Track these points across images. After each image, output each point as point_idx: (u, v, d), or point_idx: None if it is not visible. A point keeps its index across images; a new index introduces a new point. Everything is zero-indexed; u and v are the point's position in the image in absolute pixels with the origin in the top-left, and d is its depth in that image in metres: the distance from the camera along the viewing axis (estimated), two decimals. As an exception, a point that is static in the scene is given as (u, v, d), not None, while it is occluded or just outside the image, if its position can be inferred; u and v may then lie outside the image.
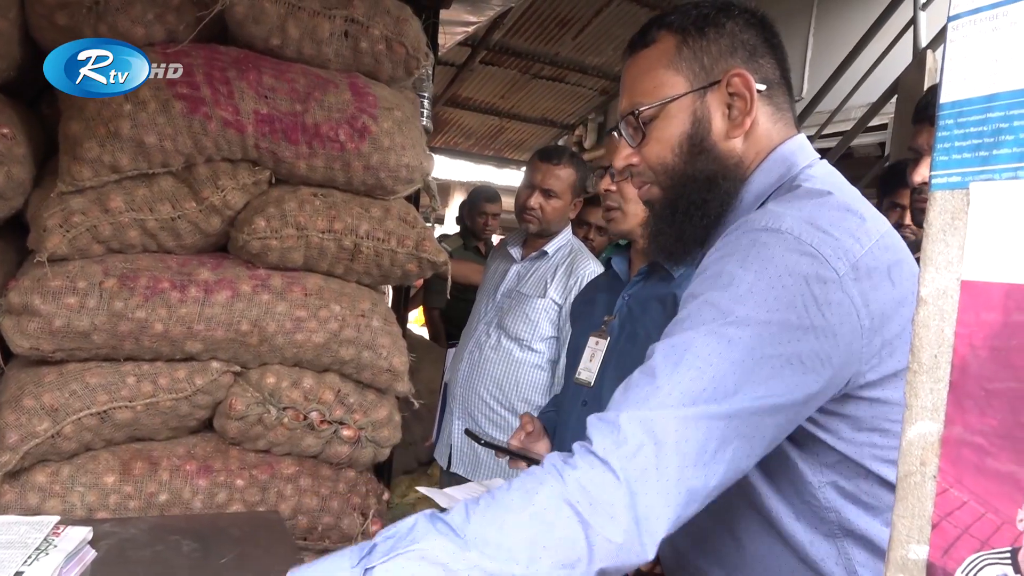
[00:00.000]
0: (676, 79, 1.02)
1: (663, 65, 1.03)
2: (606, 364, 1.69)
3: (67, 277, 1.70)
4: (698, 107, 1.01)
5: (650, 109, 1.03)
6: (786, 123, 1.05)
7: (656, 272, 1.71)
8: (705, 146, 1.01)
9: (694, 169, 1.02)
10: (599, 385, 1.68)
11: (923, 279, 0.53)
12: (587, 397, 1.70)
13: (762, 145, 1.03)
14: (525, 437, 1.67)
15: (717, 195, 1.02)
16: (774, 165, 1.02)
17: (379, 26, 1.95)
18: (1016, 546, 0.47)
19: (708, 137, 1.01)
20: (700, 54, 1.02)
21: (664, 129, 1.03)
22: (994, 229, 0.50)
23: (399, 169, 1.96)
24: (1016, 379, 0.47)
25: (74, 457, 1.76)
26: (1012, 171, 0.49)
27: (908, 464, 0.53)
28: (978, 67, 0.52)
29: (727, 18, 1.02)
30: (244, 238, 1.84)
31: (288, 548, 1.51)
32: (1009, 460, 0.47)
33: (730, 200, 1.02)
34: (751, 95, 1.00)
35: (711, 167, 1.01)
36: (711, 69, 1.01)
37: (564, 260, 2.54)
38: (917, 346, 0.53)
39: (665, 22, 1.05)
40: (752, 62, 1.02)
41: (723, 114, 1.01)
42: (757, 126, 1.02)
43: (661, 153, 1.03)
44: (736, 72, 0.99)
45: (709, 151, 1.01)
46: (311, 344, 1.90)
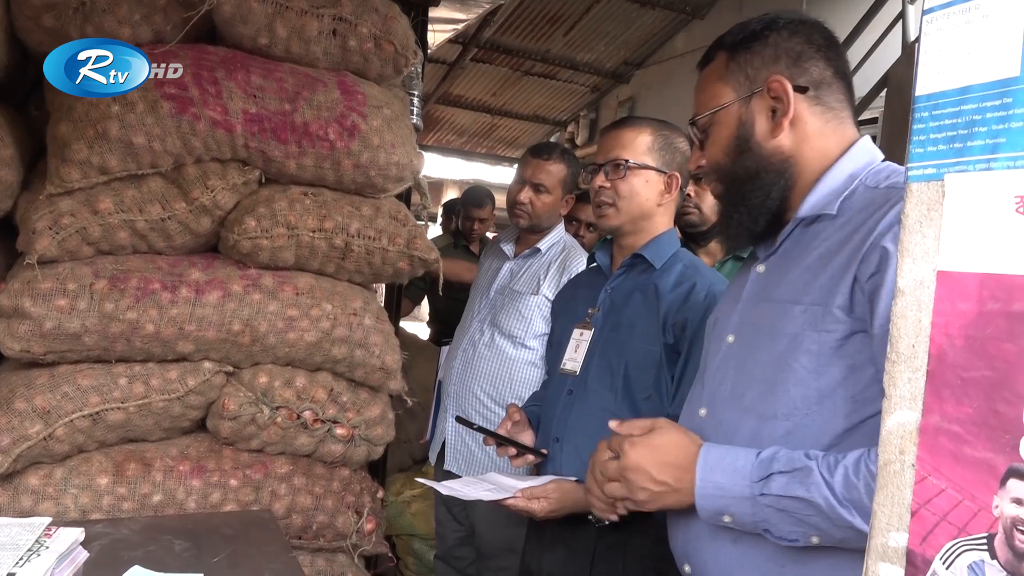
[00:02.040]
0: (725, 90, 1.18)
1: (715, 80, 1.19)
2: (591, 354, 1.71)
3: (57, 279, 1.70)
4: (744, 112, 1.16)
5: (704, 118, 1.20)
6: (840, 120, 1.15)
7: (638, 265, 1.73)
8: (749, 145, 1.15)
9: (740, 167, 1.16)
10: (584, 374, 1.70)
11: (900, 270, 0.54)
12: (572, 386, 1.72)
13: (814, 140, 1.13)
14: (512, 426, 1.74)
15: (759, 188, 1.14)
16: (860, 153, 1.13)
17: (367, 24, 1.95)
18: (992, 532, 0.47)
19: (752, 138, 1.15)
20: (745, 66, 1.16)
21: (717, 133, 1.19)
22: (968, 220, 0.51)
23: (389, 167, 1.96)
24: (991, 367, 0.48)
25: (67, 459, 1.76)
26: (985, 162, 0.50)
27: (888, 453, 0.54)
28: (952, 60, 0.53)
29: (771, 31, 1.15)
30: (234, 238, 1.84)
31: (281, 546, 1.52)
32: (985, 448, 0.48)
33: (776, 192, 1.14)
34: (788, 97, 1.11)
35: (754, 164, 1.15)
36: (755, 78, 1.15)
37: (557, 257, 2.54)
38: (895, 336, 0.54)
39: (721, 42, 1.21)
40: (796, 67, 1.13)
41: (767, 116, 1.14)
42: (805, 124, 1.13)
43: (716, 154, 1.20)
44: (775, 78, 1.12)
45: (753, 150, 1.15)
46: (303, 343, 1.90)
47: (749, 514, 1.02)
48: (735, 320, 1.19)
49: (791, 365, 1.04)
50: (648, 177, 1.70)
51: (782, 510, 0.99)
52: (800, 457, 0.99)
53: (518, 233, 2.67)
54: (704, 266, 1.75)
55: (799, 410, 1.03)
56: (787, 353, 1.05)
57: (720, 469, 1.04)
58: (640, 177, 1.70)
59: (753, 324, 1.15)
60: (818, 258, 1.07)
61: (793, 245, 1.14)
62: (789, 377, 1.04)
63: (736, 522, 1.05)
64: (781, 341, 1.06)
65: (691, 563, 1.17)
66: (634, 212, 1.71)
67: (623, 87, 7.97)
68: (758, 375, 1.09)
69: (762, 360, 1.09)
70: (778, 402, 1.05)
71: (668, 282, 1.66)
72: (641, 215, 1.72)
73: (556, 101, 8.55)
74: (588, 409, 1.67)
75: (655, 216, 1.73)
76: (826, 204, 1.10)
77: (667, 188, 1.72)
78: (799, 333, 1.04)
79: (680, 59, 7.10)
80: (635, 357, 1.63)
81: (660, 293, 1.64)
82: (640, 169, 1.69)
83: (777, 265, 1.16)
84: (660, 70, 7.52)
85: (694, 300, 1.61)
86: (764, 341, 1.10)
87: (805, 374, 1.03)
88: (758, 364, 1.09)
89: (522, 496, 1.54)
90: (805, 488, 0.96)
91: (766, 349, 1.09)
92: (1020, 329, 0.46)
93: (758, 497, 1.00)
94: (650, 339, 1.62)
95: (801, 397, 1.03)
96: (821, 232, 1.09)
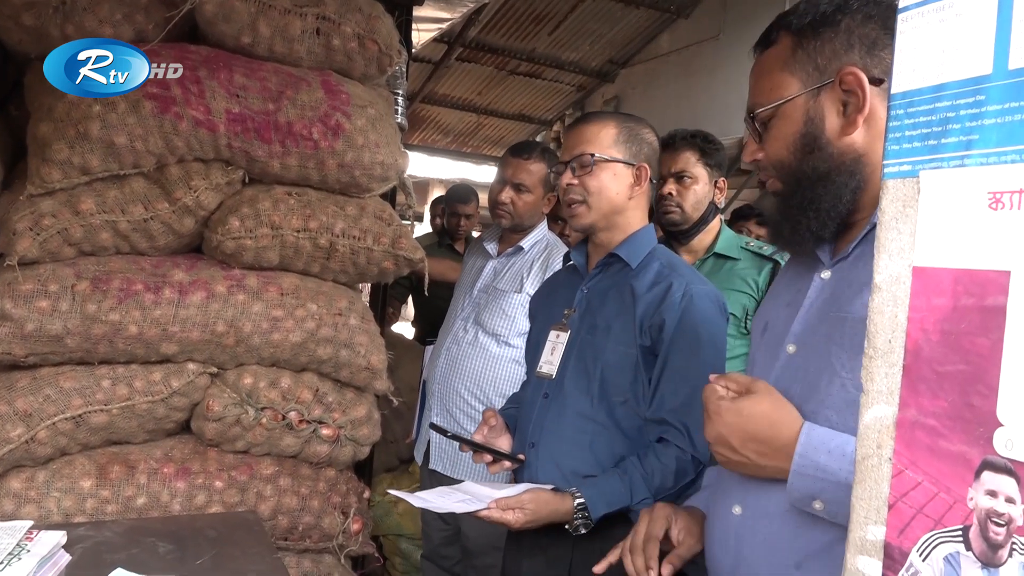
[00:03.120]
0: (791, 80, 1.06)
1: (779, 67, 1.08)
2: (567, 356, 1.68)
3: (38, 280, 1.68)
4: (811, 107, 1.05)
5: (766, 110, 1.08)
6: None
7: (614, 264, 1.70)
8: (819, 144, 1.05)
9: (808, 167, 1.06)
10: (560, 377, 1.67)
11: (877, 266, 0.54)
12: (548, 389, 1.69)
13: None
14: (488, 431, 1.70)
15: (831, 191, 1.04)
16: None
17: (351, 23, 1.94)
18: (967, 524, 0.48)
19: (822, 135, 1.04)
20: (814, 54, 1.05)
21: (780, 128, 1.08)
22: (943, 216, 0.51)
23: (373, 167, 1.95)
24: (965, 361, 0.49)
25: (49, 462, 1.75)
26: (959, 159, 0.50)
27: (865, 447, 0.55)
28: (926, 58, 0.53)
29: (844, 14, 1.04)
30: (218, 238, 1.83)
31: (265, 547, 1.51)
32: (960, 441, 0.49)
33: (848, 195, 1.04)
34: (863, 91, 1.01)
35: (825, 165, 1.04)
36: (825, 68, 1.04)
37: (540, 255, 2.55)
38: (872, 332, 0.54)
39: (784, 22, 1.09)
40: (871, 56, 1.02)
41: (838, 112, 1.04)
42: (879, 120, 1.02)
43: (778, 151, 1.09)
44: (849, 70, 1.01)
45: (823, 149, 1.04)
46: (288, 344, 1.89)
47: (846, 503, 0.95)
48: (796, 329, 1.10)
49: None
50: (616, 170, 1.66)
51: None
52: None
53: (501, 232, 2.67)
54: (682, 264, 1.71)
55: None
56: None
57: (825, 451, 0.95)
58: (608, 171, 1.65)
59: (827, 335, 1.04)
60: None
61: (869, 251, 0.98)
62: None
63: (827, 510, 0.97)
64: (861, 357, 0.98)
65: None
66: (605, 208, 1.66)
67: (608, 86, 7.99)
68: (836, 392, 1.00)
69: (843, 377, 1.00)
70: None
71: (644, 282, 1.62)
72: (612, 210, 1.67)
73: (542, 100, 8.56)
74: (564, 413, 1.64)
75: (627, 211, 1.69)
76: None
77: (636, 180, 1.68)
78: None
79: (665, 58, 7.12)
80: (611, 359, 1.60)
81: (636, 294, 1.61)
82: (607, 163, 1.65)
83: (848, 273, 1.06)
84: (645, 69, 7.54)
85: (670, 301, 1.57)
86: (845, 357, 1.00)
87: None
88: (836, 381, 1.00)
89: (496, 507, 1.49)
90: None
91: (849, 366, 0.99)
92: (993, 323, 0.47)
93: None
94: (626, 341, 1.59)
95: None
96: None
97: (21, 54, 1.85)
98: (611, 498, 1.53)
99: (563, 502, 1.53)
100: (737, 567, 1.09)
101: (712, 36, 6.24)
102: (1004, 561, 0.46)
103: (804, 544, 1.01)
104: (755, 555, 1.07)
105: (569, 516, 1.52)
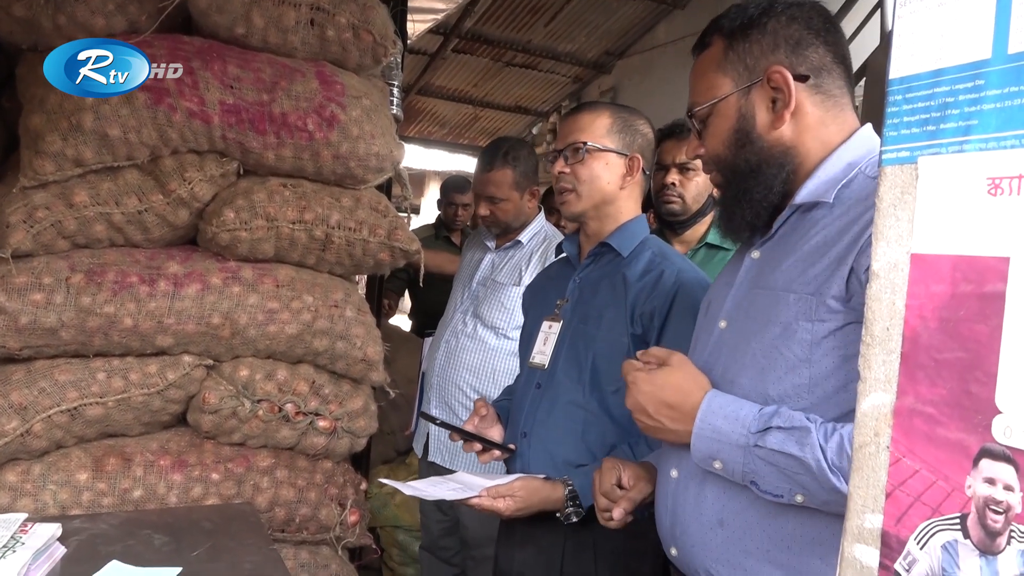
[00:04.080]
0: (724, 80, 1.15)
1: (713, 69, 1.17)
2: (559, 347, 1.67)
3: (32, 273, 1.67)
4: (743, 104, 1.14)
5: (703, 109, 1.18)
6: (840, 107, 1.14)
7: (605, 254, 1.70)
8: (751, 138, 1.13)
9: (741, 160, 1.15)
10: (553, 368, 1.67)
11: (875, 253, 0.54)
12: (541, 380, 1.68)
13: (816, 130, 1.12)
14: (479, 421, 1.72)
15: (761, 182, 1.13)
16: (860, 142, 1.13)
17: (345, 14, 1.93)
18: (965, 512, 0.48)
19: (754, 130, 1.13)
20: (744, 55, 1.13)
21: (717, 125, 1.17)
22: (941, 202, 0.51)
23: (369, 158, 1.94)
24: (963, 349, 0.48)
25: (45, 455, 1.74)
26: (958, 144, 0.50)
27: (863, 435, 0.54)
28: (925, 43, 0.53)
29: (769, 17, 1.13)
30: (213, 230, 1.82)
31: (261, 539, 1.51)
32: (958, 428, 0.48)
33: (778, 185, 1.13)
34: (789, 88, 1.09)
35: (756, 157, 1.13)
36: (754, 68, 1.13)
37: (538, 247, 2.54)
38: (870, 319, 0.54)
39: (717, 26, 1.18)
40: (796, 55, 1.11)
41: (767, 107, 1.12)
42: (806, 114, 1.12)
43: (716, 146, 1.18)
44: (776, 69, 1.10)
45: (755, 143, 1.13)
46: (284, 336, 1.89)
47: (740, 463, 1.04)
48: (728, 306, 1.19)
49: (783, 353, 1.04)
50: (608, 160, 1.65)
51: (773, 464, 1.00)
52: (801, 417, 1.00)
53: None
54: (673, 252, 1.71)
55: (790, 398, 1.04)
56: (779, 341, 1.05)
57: (722, 415, 1.06)
58: (600, 160, 1.64)
59: (746, 310, 1.14)
60: (814, 247, 1.06)
61: (789, 232, 1.13)
62: (781, 364, 1.05)
63: (725, 469, 1.06)
64: (774, 328, 1.06)
65: (677, 546, 1.18)
66: (596, 197, 1.66)
67: (605, 77, 7.96)
68: (749, 361, 1.09)
69: (754, 347, 1.09)
70: (769, 388, 1.06)
71: (636, 271, 1.62)
72: (603, 200, 1.66)
73: (538, 92, 8.53)
74: (556, 403, 1.64)
75: (618, 200, 1.68)
76: (823, 192, 1.10)
77: (629, 171, 1.67)
78: (792, 322, 1.04)
79: (662, 49, 7.10)
80: (603, 348, 1.60)
81: (628, 282, 1.61)
82: (600, 152, 1.64)
83: (772, 251, 1.15)
84: (642, 60, 7.52)
85: (662, 288, 1.57)
86: (757, 328, 1.10)
87: (797, 362, 1.03)
88: (750, 350, 1.10)
89: (487, 495, 1.51)
90: (800, 447, 0.98)
91: (759, 336, 1.09)
92: (992, 310, 0.47)
93: (752, 448, 1.02)
94: (618, 330, 1.59)
95: (792, 385, 1.04)
96: (818, 220, 1.09)
97: (13, 45, 1.84)
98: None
99: (554, 490, 1.54)
100: (674, 526, 1.19)
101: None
102: (1002, 549, 0.46)
103: (725, 503, 1.11)
104: (686, 514, 1.16)
105: (560, 504, 1.53)
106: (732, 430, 1.04)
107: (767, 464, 1.01)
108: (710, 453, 1.07)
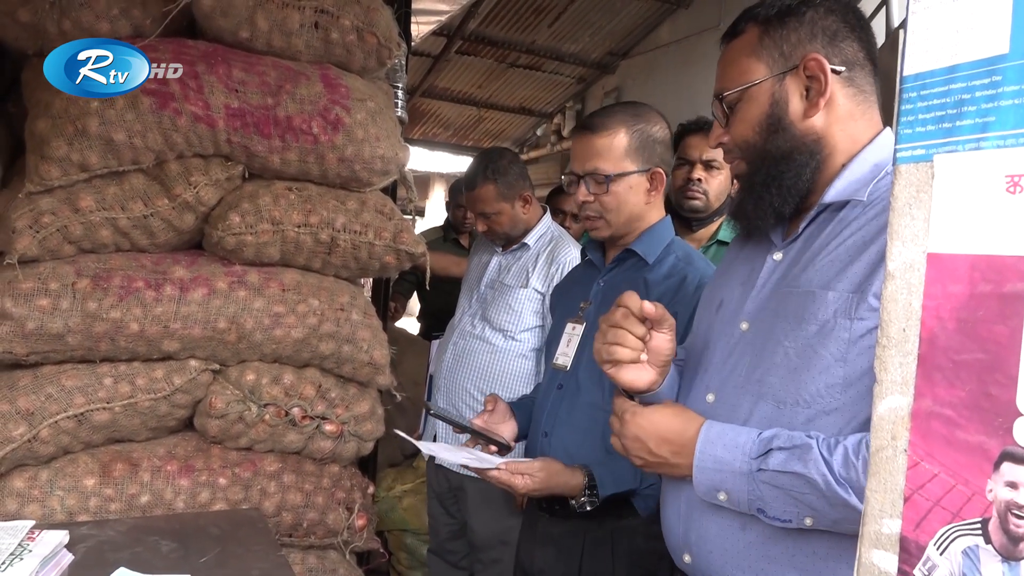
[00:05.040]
0: (758, 66, 1.14)
1: (746, 54, 1.15)
2: (582, 349, 1.68)
3: (39, 279, 1.67)
4: (777, 90, 1.12)
5: (733, 93, 1.16)
6: (869, 103, 1.14)
7: (629, 258, 1.71)
8: (783, 125, 1.12)
9: (772, 146, 1.13)
10: (575, 369, 1.68)
11: (890, 253, 0.53)
12: (563, 381, 1.70)
13: (845, 123, 1.12)
14: (488, 417, 1.70)
15: (792, 168, 1.12)
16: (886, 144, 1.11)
17: (349, 16, 1.92)
18: (986, 516, 0.47)
19: (786, 117, 1.12)
20: (780, 42, 1.12)
21: (747, 110, 1.15)
22: (958, 201, 0.50)
23: (374, 161, 1.94)
24: (983, 350, 0.47)
25: (52, 461, 1.74)
26: (975, 142, 0.49)
27: (880, 439, 0.53)
28: (940, 39, 0.52)
29: (807, 7, 1.12)
30: (219, 234, 1.82)
31: (269, 544, 1.50)
32: (977, 431, 0.47)
33: (808, 173, 1.12)
34: (825, 77, 1.08)
35: (787, 144, 1.12)
36: (790, 55, 1.12)
37: (545, 248, 2.54)
38: (886, 320, 0.53)
39: (752, 14, 1.17)
40: (832, 46, 1.10)
41: (800, 95, 1.11)
42: (837, 105, 1.11)
43: (744, 132, 1.16)
44: (812, 57, 1.09)
45: (787, 129, 1.12)
46: (290, 340, 1.88)
47: (745, 491, 1.02)
48: (749, 308, 1.16)
49: (819, 352, 1.02)
50: (631, 183, 1.65)
51: (778, 487, 0.99)
52: (800, 436, 0.99)
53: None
54: (698, 257, 1.71)
55: (823, 398, 1.02)
56: (815, 340, 1.03)
57: (721, 444, 1.05)
58: (623, 185, 1.65)
59: (774, 311, 1.11)
60: (851, 245, 1.04)
61: (816, 231, 1.12)
62: (816, 364, 1.02)
63: (731, 500, 1.05)
64: (809, 327, 1.04)
65: (692, 552, 1.15)
66: (624, 219, 1.67)
67: (609, 77, 7.94)
68: (780, 361, 1.07)
69: (785, 346, 1.06)
70: (801, 389, 1.03)
71: (658, 275, 1.64)
72: (631, 219, 1.68)
73: (542, 92, 8.51)
74: (577, 404, 1.65)
75: (646, 215, 1.70)
76: (854, 191, 1.08)
77: (652, 185, 1.68)
78: (830, 320, 1.02)
79: (665, 49, 7.08)
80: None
81: (649, 286, 1.62)
82: (622, 177, 1.64)
83: (799, 252, 1.13)
84: (645, 60, 7.50)
85: (684, 292, 1.58)
86: (789, 328, 1.07)
87: (832, 361, 1.01)
88: (781, 349, 1.07)
89: (506, 469, 1.50)
90: (803, 464, 0.96)
91: (792, 336, 1.06)
92: (1012, 310, 0.46)
93: (755, 473, 1.00)
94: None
95: (826, 385, 1.01)
96: (851, 219, 1.07)
97: (18, 51, 1.84)
98: (620, 479, 1.55)
99: (573, 476, 1.54)
100: (688, 532, 1.17)
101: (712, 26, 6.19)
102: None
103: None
104: (704, 519, 1.13)
105: (577, 491, 1.54)
106: (733, 458, 1.03)
107: (772, 488, 1.00)
108: (713, 485, 1.06)
